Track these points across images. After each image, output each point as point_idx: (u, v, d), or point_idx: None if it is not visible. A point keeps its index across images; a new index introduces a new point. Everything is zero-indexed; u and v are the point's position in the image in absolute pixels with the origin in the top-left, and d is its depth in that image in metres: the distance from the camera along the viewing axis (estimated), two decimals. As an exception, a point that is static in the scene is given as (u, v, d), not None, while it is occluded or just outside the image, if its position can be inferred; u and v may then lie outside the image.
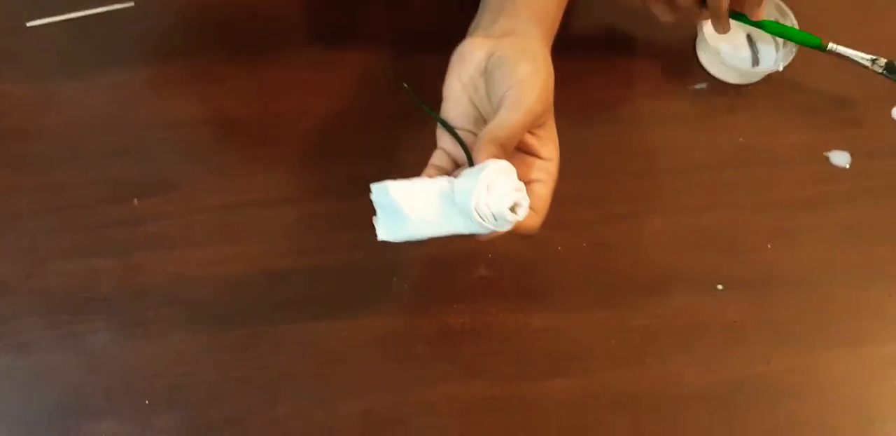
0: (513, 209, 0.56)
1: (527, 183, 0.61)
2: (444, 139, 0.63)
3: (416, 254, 0.74)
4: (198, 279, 0.73)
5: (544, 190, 0.62)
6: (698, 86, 0.82)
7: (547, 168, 0.63)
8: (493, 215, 0.55)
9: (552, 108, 0.64)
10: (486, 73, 0.64)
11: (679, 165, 0.79)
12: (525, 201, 0.56)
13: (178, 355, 0.71)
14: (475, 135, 0.62)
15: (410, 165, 0.61)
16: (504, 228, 0.56)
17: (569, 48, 0.68)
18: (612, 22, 0.84)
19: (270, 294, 0.73)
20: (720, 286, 0.74)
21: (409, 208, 0.56)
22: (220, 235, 0.74)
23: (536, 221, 0.61)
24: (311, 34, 0.82)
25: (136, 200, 0.75)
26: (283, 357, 0.71)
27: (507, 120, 0.59)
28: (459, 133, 0.62)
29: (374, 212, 0.60)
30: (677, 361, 0.72)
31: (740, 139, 0.80)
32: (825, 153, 0.80)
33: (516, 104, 0.60)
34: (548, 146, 0.63)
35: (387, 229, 0.58)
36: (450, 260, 0.74)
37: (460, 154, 0.62)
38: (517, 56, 0.62)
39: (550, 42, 0.68)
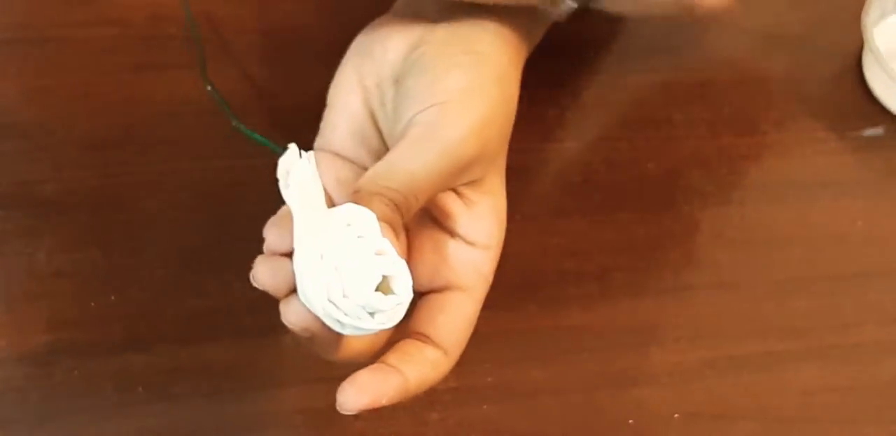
0: (381, 289, 0.50)
1: (436, 290, 0.56)
2: (326, 171, 0.59)
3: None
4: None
5: (464, 308, 0.56)
6: (870, 131, 0.79)
7: (475, 263, 0.57)
8: (360, 307, 0.50)
9: (500, 156, 0.59)
10: (399, 78, 0.59)
11: (845, 268, 0.72)
12: (398, 268, 0.50)
13: None
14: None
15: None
16: (370, 325, 0.50)
17: (639, 68, 0.67)
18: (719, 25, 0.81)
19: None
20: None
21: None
22: None
23: (445, 367, 0.55)
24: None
25: None
26: None
27: (410, 163, 0.55)
28: (339, 166, 0.59)
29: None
30: None
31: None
32: None
33: (429, 138, 0.55)
34: (481, 223, 0.58)
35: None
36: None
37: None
38: (448, 58, 0.59)
39: (525, 46, 0.64)
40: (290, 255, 0.50)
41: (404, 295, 0.50)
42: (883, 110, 0.78)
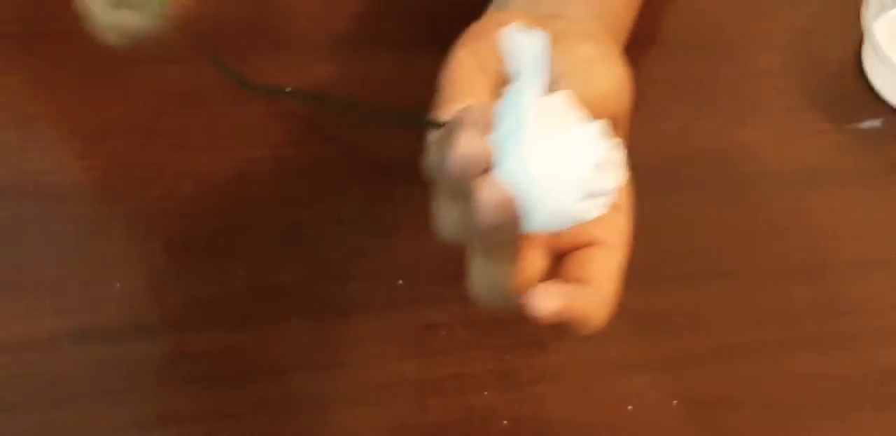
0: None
1: (580, 246, 0.55)
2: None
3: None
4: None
5: (612, 260, 0.56)
6: (868, 123, 0.78)
7: (614, 221, 0.57)
8: (578, 186, 0.50)
9: (628, 117, 0.58)
10: None
11: (843, 257, 0.71)
12: (616, 154, 0.51)
13: None
14: None
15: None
16: (580, 206, 0.50)
17: (639, 61, 0.63)
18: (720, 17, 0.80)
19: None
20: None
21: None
22: None
23: (604, 309, 0.55)
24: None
25: None
26: None
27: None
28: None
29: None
30: None
31: (946, 214, 0.71)
32: None
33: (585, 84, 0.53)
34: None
35: None
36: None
37: None
38: (575, 36, 0.58)
39: (621, 46, 0.64)
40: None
41: (620, 179, 0.50)
42: (881, 103, 0.78)
